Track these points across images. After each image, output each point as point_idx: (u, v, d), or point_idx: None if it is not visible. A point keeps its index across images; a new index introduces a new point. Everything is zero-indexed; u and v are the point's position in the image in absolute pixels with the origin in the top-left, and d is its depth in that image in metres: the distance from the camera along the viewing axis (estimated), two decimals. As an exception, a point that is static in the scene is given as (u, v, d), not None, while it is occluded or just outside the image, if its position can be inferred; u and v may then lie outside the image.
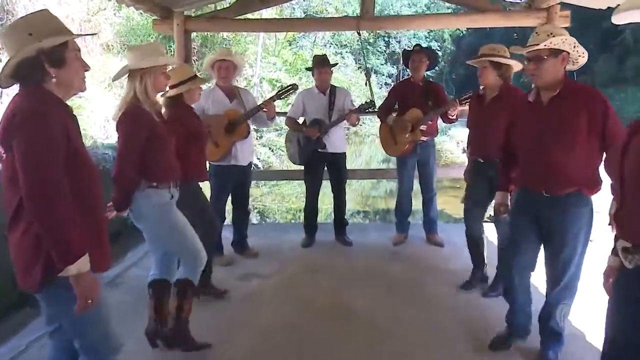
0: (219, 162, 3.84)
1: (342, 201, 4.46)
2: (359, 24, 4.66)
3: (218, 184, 3.90)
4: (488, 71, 3.20)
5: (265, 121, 3.95)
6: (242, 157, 3.89)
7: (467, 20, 4.71)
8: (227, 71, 3.81)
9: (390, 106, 4.30)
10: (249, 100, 3.95)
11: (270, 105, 3.80)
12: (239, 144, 3.84)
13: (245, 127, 3.84)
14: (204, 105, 3.75)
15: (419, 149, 4.19)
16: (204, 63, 3.92)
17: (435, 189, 4.38)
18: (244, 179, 4.02)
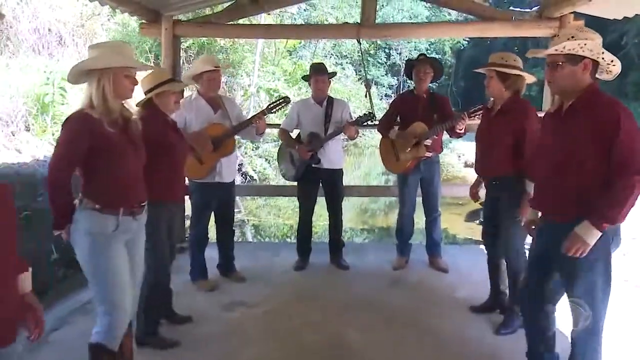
0: (202, 180, 3.52)
1: (339, 221, 4.13)
2: (359, 32, 4.36)
3: (200, 202, 3.58)
4: (494, 82, 2.90)
5: (254, 135, 3.64)
6: (227, 173, 3.57)
7: (474, 30, 4.43)
8: (216, 82, 3.52)
9: (392, 119, 3.99)
10: (234, 110, 3.64)
11: (261, 119, 3.49)
12: (223, 159, 3.52)
13: (232, 142, 3.54)
14: (186, 115, 3.44)
15: (423, 165, 3.87)
16: (187, 73, 3.60)
17: (439, 209, 4.05)
18: (228, 196, 3.69)
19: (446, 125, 3.61)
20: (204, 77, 3.45)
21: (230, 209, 3.77)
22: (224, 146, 3.48)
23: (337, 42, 22.78)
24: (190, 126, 3.46)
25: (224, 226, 3.77)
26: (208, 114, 3.51)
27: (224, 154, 3.49)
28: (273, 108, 3.64)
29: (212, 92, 3.52)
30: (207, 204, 3.60)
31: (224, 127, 3.48)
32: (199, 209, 3.62)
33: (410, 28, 4.47)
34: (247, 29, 4.53)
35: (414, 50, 29.29)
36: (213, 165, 3.50)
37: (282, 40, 15.23)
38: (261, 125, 3.51)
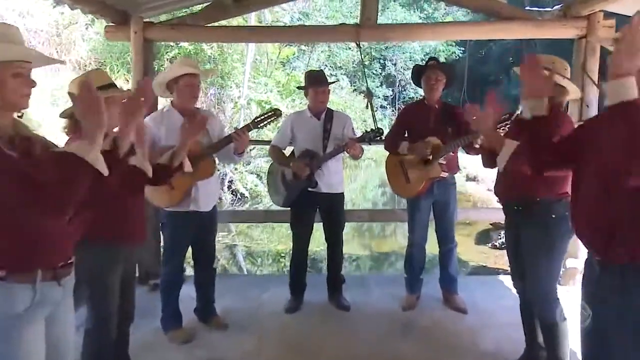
0: (175, 208, 2.91)
1: (339, 254, 3.54)
2: (359, 34, 3.80)
3: (172, 235, 2.98)
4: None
5: (232, 156, 3.02)
6: (205, 200, 2.97)
7: (490, 30, 3.88)
8: (197, 90, 2.93)
9: (400, 135, 3.41)
10: (214, 126, 3.05)
11: (243, 136, 2.88)
12: (201, 184, 2.92)
13: (210, 163, 2.93)
14: (155, 132, 2.86)
15: (437, 188, 3.29)
16: (158, 78, 3.01)
17: (455, 238, 3.47)
18: (208, 228, 3.09)
19: (465, 140, 3.03)
20: (180, 83, 2.85)
21: (209, 243, 3.16)
22: (201, 168, 2.88)
23: (332, 52, 22.40)
24: (159, 143, 2.87)
25: (203, 264, 3.17)
26: None
27: (200, 177, 2.90)
28: (261, 122, 3.03)
29: (189, 102, 2.93)
30: (181, 238, 3.00)
31: (201, 146, 2.88)
32: (172, 244, 3.01)
33: (417, 29, 3.91)
34: (229, 32, 3.95)
35: (409, 60, 28.97)
36: (187, 190, 2.91)
37: (274, 51, 14.75)
38: (242, 143, 2.90)
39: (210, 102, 10.05)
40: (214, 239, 3.20)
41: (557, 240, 2.27)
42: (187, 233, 2.99)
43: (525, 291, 2.42)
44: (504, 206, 2.50)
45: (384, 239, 6.49)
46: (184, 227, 2.96)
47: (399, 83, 29.60)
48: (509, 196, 2.43)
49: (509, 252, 2.55)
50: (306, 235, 3.48)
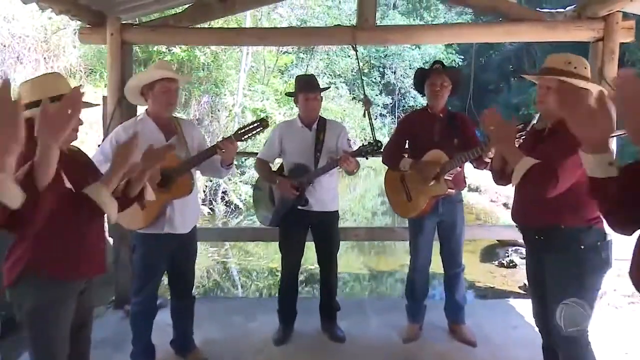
0: (147, 230, 2.58)
1: (332, 279, 3.19)
2: (355, 36, 3.48)
3: (145, 261, 2.64)
4: (554, 94, 1.99)
5: (219, 169, 2.68)
6: (182, 221, 2.63)
7: (497, 32, 3.55)
8: (175, 96, 2.60)
9: (400, 147, 3.08)
10: (193, 136, 2.72)
11: (230, 146, 2.54)
12: (177, 203, 2.58)
13: (188, 179, 2.59)
14: None
15: (442, 206, 2.95)
16: (130, 82, 2.68)
17: (463, 262, 3.12)
18: (186, 252, 2.74)
19: (474, 153, 2.68)
20: (156, 89, 2.52)
21: (187, 270, 2.81)
22: (178, 184, 2.54)
23: (331, 60, 22.13)
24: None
25: (180, 293, 2.81)
26: (156, 141, 2.57)
27: (176, 195, 2.56)
28: (245, 133, 2.68)
29: (166, 111, 2.60)
30: (154, 264, 2.66)
31: (178, 159, 2.55)
32: (143, 270, 2.67)
33: (419, 31, 3.58)
34: (215, 34, 3.62)
35: (408, 68, 28.76)
36: (160, 210, 2.57)
37: (271, 59, 14.48)
38: (229, 153, 2.57)
39: (203, 110, 9.74)
40: (193, 264, 2.85)
41: (588, 275, 1.92)
42: (161, 258, 2.65)
43: (550, 333, 2.06)
44: (522, 233, 2.16)
45: (382, 256, 6.11)
46: (158, 251, 2.62)
47: (398, 91, 29.38)
48: (528, 222, 2.09)
49: (530, 286, 2.21)
50: (296, 258, 3.13)
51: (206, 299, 4.17)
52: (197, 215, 2.83)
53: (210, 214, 9.01)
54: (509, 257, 5.47)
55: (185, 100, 9.32)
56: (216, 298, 4.12)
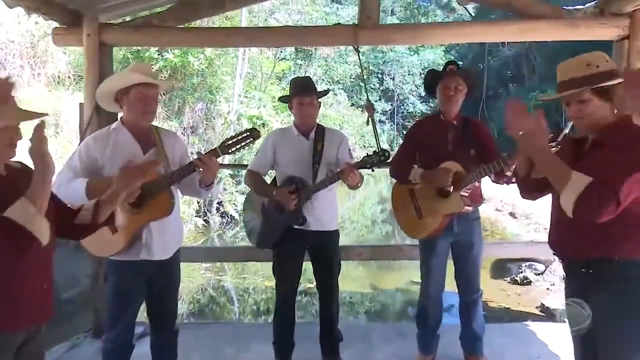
0: (120, 257, 2.23)
1: (333, 306, 2.83)
2: (357, 36, 3.16)
3: (118, 292, 2.29)
4: (595, 105, 1.67)
5: (197, 189, 2.33)
6: (161, 246, 2.29)
7: (513, 31, 3.22)
8: (153, 104, 2.26)
9: (410, 157, 2.75)
10: (175, 149, 2.38)
11: (209, 163, 2.20)
12: (155, 225, 2.24)
13: (166, 198, 2.24)
14: (96, 156, 2.21)
15: (457, 224, 2.62)
16: (102, 87, 2.35)
17: (481, 286, 2.78)
18: (166, 281, 2.39)
19: (494, 166, 2.36)
20: (131, 94, 2.19)
21: (168, 301, 2.44)
22: (155, 204, 2.20)
23: (329, 66, 21.90)
24: (102, 172, 2.22)
25: (161, 326, 2.45)
26: (132, 154, 2.25)
27: (153, 216, 2.22)
28: (232, 145, 2.32)
29: (143, 119, 2.26)
30: (129, 295, 2.31)
31: (156, 175, 2.21)
32: (117, 303, 2.31)
33: (426, 30, 3.26)
34: (203, 34, 3.28)
35: (407, 74, 28.62)
36: (135, 234, 2.22)
37: (269, 65, 14.20)
38: (208, 173, 2.23)
39: (198, 117, 9.43)
40: (175, 294, 2.50)
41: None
42: (137, 287, 2.30)
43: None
44: (564, 265, 1.82)
45: (388, 272, 5.73)
46: (133, 279, 2.27)
47: (397, 97, 29.21)
48: (573, 253, 1.74)
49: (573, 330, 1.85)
50: (292, 284, 2.79)
51: (195, 325, 3.81)
52: (180, 237, 2.48)
53: (204, 226, 8.67)
54: (522, 273, 5.12)
55: (179, 107, 9.02)
56: (206, 325, 3.77)
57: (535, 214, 8.62)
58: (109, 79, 2.39)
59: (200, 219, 8.66)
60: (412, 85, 29.84)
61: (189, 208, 8.23)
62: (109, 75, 3.21)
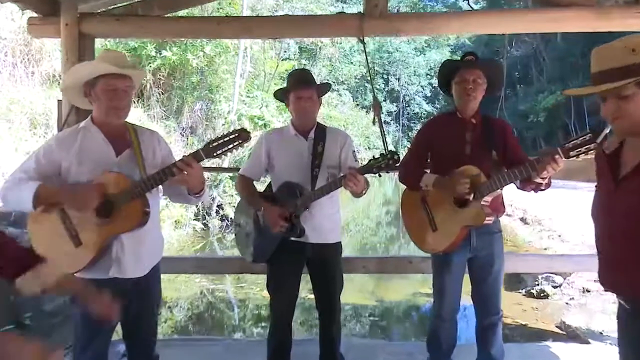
0: (86, 275, 1.93)
1: (334, 328, 2.52)
2: (363, 26, 2.86)
3: (86, 313, 1.97)
4: (638, 102, 1.35)
5: (186, 196, 2.04)
6: (135, 262, 1.98)
7: (537, 21, 2.90)
8: (125, 97, 1.96)
9: (422, 161, 2.43)
10: (155, 151, 2.08)
11: (189, 170, 1.89)
12: (127, 238, 1.94)
13: (138, 206, 1.93)
14: (59, 160, 1.91)
15: (476, 238, 2.30)
16: (67, 80, 2.05)
17: (501, 308, 2.45)
18: (143, 301, 2.08)
19: (521, 171, 2.04)
20: (98, 87, 1.90)
21: (146, 324, 2.14)
22: (126, 213, 1.90)
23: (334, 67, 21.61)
24: (67, 177, 1.93)
25: (137, 352, 2.15)
26: (103, 156, 1.95)
27: (122, 227, 1.91)
28: (218, 148, 2.00)
29: (111, 116, 1.95)
30: (100, 318, 2.00)
31: (127, 181, 1.91)
32: (86, 327, 2.00)
33: (440, 20, 2.93)
34: (191, 24, 2.98)
35: (413, 75, 28.31)
36: (103, 248, 1.92)
37: (272, 65, 13.91)
38: (191, 179, 1.92)
39: (197, 117, 9.15)
40: (153, 316, 2.19)
41: None
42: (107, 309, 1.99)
43: None
44: (620, 304, 1.48)
45: (393, 282, 5.38)
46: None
47: (402, 98, 28.89)
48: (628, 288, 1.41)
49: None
50: (289, 302, 2.48)
51: (185, 342, 3.51)
52: (159, 251, 2.17)
53: (203, 230, 8.38)
54: (539, 286, 4.78)
55: (178, 107, 8.75)
56: (196, 341, 3.46)
57: (547, 220, 8.27)
58: (73, 69, 2.08)
59: (199, 222, 8.37)
60: (417, 86, 29.53)
61: (187, 211, 7.95)
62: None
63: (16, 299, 3.50)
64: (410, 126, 31.19)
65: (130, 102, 2.03)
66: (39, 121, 6.06)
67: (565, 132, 23.76)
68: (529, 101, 24.75)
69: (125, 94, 1.95)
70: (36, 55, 7.49)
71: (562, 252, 6.46)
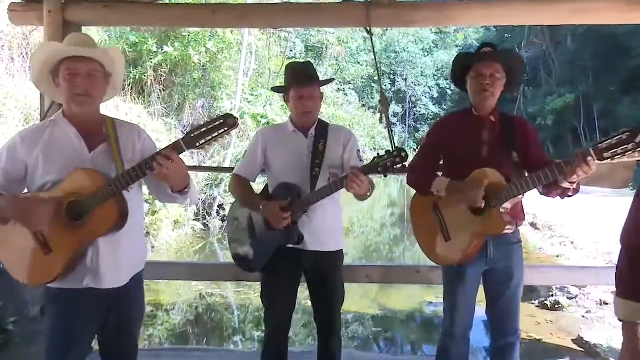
0: (58, 285, 1.72)
1: (334, 344, 2.31)
2: (370, 16, 2.64)
3: (58, 329, 1.77)
4: None
5: (170, 194, 1.79)
6: (112, 271, 1.76)
7: (564, 12, 2.65)
8: (89, 83, 1.71)
9: (434, 162, 2.21)
10: (134, 145, 1.85)
11: (168, 164, 1.64)
12: (104, 243, 1.72)
13: (112, 207, 1.70)
14: (23, 158, 1.71)
15: (493, 249, 2.07)
16: (32, 69, 1.82)
17: (520, 326, 2.22)
18: (123, 315, 1.86)
19: (546, 174, 1.81)
20: (60, 72, 1.69)
21: (126, 340, 1.91)
22: (99, 215, 1.68)
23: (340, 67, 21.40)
24: (34, 177, 1.71)
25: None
26: (74, 152, 1.73)
27: (96, 231, 1.69)
28: (200, 137, 1.73)
29: (76, 103, 1.72)
30: (73, 332, 1.78)
31: (101, 178, 1.69)
32: (57, 343, 1.79)
33: (455, 10, 2.69)
34: (185, 11, 2.77)
35: (420, 75, 28.00)
36: (76, 254, 1.71)
37: (277, 64, 13.71)
38: (172, 174, 1.68)
39: (199, 115, 8.96)
40: (136, 330, 1.97)
41: None
42: (82, 326, 1.78)
43: None
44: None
45: (397, 289, 5.13)
46: (77, 316, 1.76)
47: (409, 99, 28.62)
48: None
49: None
50: (285, 315, 2.26)
51: (176, 352, 3.31)
52: (141, 257, 1.95)
53: (203, 230, 8.18)
54: (553, 297, 4.53)
55: (179, 104, 8.55)
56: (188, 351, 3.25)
57: (559, 225, 7.99)
58: (33, 56, 1.86)
59: (199, 222, 8.17)
60: (424, 87, 29.26)
61: (187, 211, 7.76)
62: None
63: (0, 304, 3.25)
64: (416, 127, 30.90)
65: (99, 89, 1.77)
66: (33, 116, 5.88)
67: (574, 136, 23.40)
68: (537, 104, 24.44)
69: (91, 79, 1.71)
70: (34, 49, 7.32)
71: (575, 259, 6.20)
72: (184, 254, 7.25)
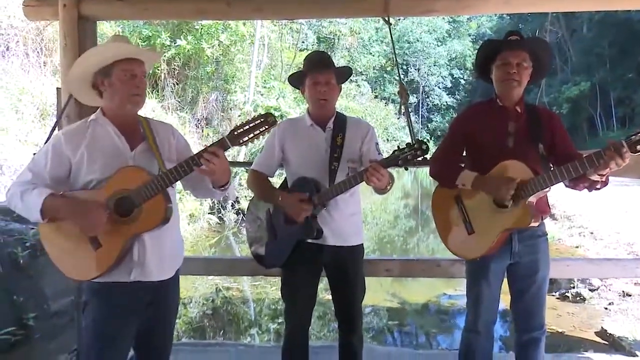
0: (105, 279, 1.74)
1: (356, 341, 2.28)
2: (388, 6, 2.58)
3: (100, 328, 1.77)
4: None
5: (210, 190, 1.85)
6: (158, 264, 1.79)
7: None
8: (142, 84, 1.78)
9: (458, 154, 2.16)
10: (170, 143, 1.87)
11: (215, 160, 1.67)
12: (149, 238, 1.75)
13: (160, 203, 1.72)
14: (68, 156, 1.73)
15: (518, 242, 2.02)
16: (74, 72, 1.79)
17: (545, 322, 2.17)
18: (163, 307, 1.87)
19: (576, 167, 1.76)
20: (114, 74, 1.73)
21: (163, 331, 1.92)
22: (146, 212, 1.70)
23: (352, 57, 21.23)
24: (78, 175, 1.74)
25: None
26: (116, 151, 1.76)
27: (145, 226, 1.71)
28: (243, 135, 1.75)
29: (131, 104, 1.77)
30: (116, 327, 1.77)
31: (146, 176, 1.70)
32: (99, 341, 1.77)
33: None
34: (200, 4, 2.73)
35: (433, 65, 27.67)
36: (124, 249, 1.72)
37: (290, 56, 13.65)
38: (218, 171, 1.70)
39: (212, 108, 8.95)
40: (171, 326, 1.98)
41: None
42: (126, 320, 1.78)
43: None
44: None
45: (416, 282, 5.09)
46: (122, 312, 1.76)
47: (422, 89, 28.33)
48: None
49: None
50: (305, 311, 2.24)
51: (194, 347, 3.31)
52: (181, 252, 1.97)
53: (219, 224, 8.21)
54: (574, 289, 4.45)
55: (192, 97, 8.55)
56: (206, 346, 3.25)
57: (578, 216, 7.86)
58: (83, 58, 1.84)
59: (214, 216, 8.20)
60: (438, 77, 28.93)
61: (202, 205, 7.79)
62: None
63: (20, 299, 3.26)
64: (429, 118, 30.62)
65: (145, 89, 1.86)
66: (48, 112, 5.93)
67: (590, 124, 22.99)
68: (553, 92, 24.06)
69: (143, 80, 1.80)
70: (48, 45, 7.36)
71: (595, 250, 6.09)
72: (200, 247, 7.29)
